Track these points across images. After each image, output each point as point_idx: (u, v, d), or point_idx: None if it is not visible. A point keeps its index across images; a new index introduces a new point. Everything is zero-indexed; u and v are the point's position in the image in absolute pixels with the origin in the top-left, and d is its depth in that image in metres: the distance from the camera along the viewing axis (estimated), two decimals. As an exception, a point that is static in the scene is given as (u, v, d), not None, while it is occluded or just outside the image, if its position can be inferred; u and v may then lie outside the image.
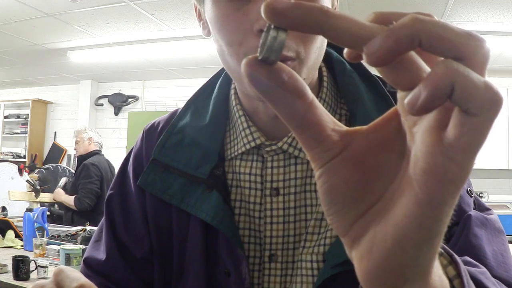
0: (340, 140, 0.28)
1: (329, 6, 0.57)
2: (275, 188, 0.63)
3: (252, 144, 0.63)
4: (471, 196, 0.62)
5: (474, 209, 0.61)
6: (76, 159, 3.83)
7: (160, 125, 0.71)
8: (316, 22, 0.24)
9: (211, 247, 0.63)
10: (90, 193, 3.50)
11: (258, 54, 0.26)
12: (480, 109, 0.22)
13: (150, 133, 0.71)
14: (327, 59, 0.65)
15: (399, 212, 0.26)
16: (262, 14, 0.25)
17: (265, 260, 0.62)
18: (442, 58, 0.23)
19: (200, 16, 0.63)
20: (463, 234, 0.57)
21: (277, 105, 0.27)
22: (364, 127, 0.29)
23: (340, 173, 0.28)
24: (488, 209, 0.63)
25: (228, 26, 0.54)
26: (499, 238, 0.59)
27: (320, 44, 0.56)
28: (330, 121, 0.28)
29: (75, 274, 0.46)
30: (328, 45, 0.63)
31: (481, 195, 5.31)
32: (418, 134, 0.25)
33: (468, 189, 0.62)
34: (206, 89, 0.71)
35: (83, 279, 0.45)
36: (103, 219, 0.72)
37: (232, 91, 0.67)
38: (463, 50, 0.23)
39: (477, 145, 0.23)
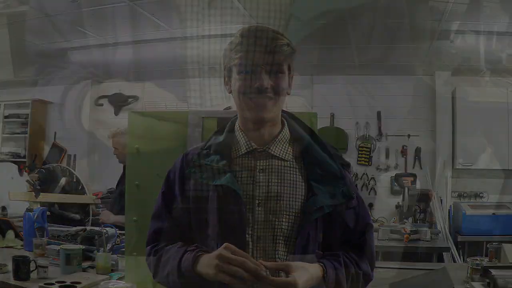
0: None
1: (287, 85, 1.16)
2: (262, 169, 1.17)
3: (249, 148, 1.19)
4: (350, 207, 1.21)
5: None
6: (123, 169, 3.29)
7: (191, 151, 1.26)
8: None
9: (223, 203, 1.13)
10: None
11: None
12: None
13: (186, 154, 1.26)
14: (287, 119, 1.25)
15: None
16: None
17: (255, 205, 1.14)
18: None
19: (227, 83, 1.20)
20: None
21: None
22: None
23: None
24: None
25: (242, 84, 1.13)
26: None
27: (284, 97, 1.15)
28: None
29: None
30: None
31: (481, 195, 5.30)
32: None
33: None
34: (222, 128, 1.25)
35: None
36: (159, 203, 1.26)
37: (237, 123, 1.23)
38: None
39: None
